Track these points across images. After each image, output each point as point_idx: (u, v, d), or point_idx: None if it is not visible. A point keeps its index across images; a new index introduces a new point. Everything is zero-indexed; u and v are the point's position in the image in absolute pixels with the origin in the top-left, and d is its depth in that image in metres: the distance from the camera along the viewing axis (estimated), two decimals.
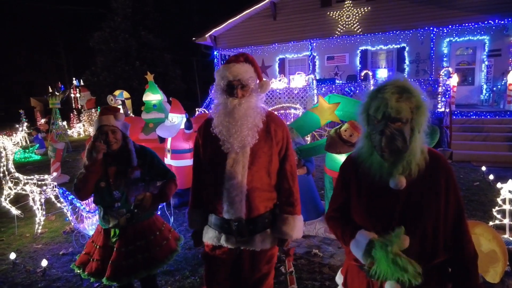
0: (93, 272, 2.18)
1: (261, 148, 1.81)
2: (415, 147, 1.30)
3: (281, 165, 1.88)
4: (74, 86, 21.35)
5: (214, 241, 1.87)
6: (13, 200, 4.89)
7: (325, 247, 3.71)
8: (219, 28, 13.22)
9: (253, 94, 1.84)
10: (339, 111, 3.56)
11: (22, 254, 3.93)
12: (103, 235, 2.26)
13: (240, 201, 1.76)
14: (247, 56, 1.88)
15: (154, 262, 2.23)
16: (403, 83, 1.31)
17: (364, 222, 1.41)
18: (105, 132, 2.15)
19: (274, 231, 1.88)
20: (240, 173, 1.76)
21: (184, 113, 5.40)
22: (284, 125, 1.92)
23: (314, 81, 11.64)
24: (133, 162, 2.19)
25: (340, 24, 11.73)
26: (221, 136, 1.80)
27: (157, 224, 2.37)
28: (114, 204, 2.20)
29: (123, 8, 22.86)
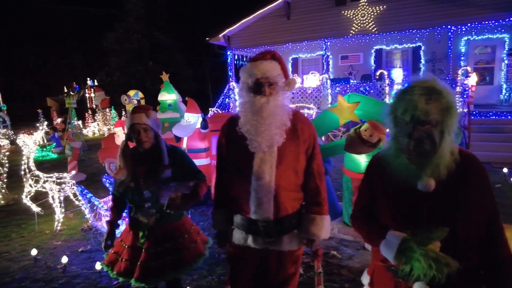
0: (122, 271, 2.17)
1: (288, 147, 1.78)
2: (444, 150, 1.26)
3: (308, 164, 1.85)
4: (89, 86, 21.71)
5: (241, 242, 1.85)
6: (33, 198, 4.99)
7: (343, 248, 3.66)
8: (233, 28, 13.23)
9: (280, 92, 1.81)
10: (358, 111, 3.50)
11: (43, 250, 4.00)
12: (132, 235, 2.25)
13: (268, 201, 1.74)
14: (274, 54, 1.85)
15: (182, 264, 2.20)
16: (432, 84, 1.26)
17: (391, 223, 1.38)
18: (137, 131, 2.13)
19: (301, 231, 1.85)
20: (268, 173, 1.73)
21: (200, 113, 5.41)
22: (310, 124, 1.89)
23: (328, 81, 11.54)
24: (164, 161, 2.16)
25: (354, 23, 11.59)
26: (249, 135, 1.76)
27: (186, 226, 2.34)
28: (144, 204, 2.18)
29: (136, 9, 23.15)
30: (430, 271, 1.18)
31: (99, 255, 3.77)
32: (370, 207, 1.49)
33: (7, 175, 6.35)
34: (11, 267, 3.66)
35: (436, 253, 1.20)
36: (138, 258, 2.15)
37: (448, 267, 1.18)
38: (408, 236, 1.27)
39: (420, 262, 1.19)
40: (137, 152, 2.20)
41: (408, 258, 1.23)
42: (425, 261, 1.18)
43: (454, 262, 1.19)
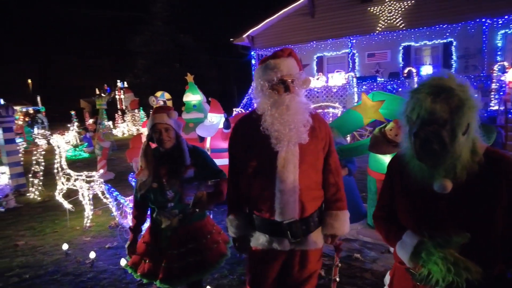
0: (145, 273, 2.18)
1: (309, 145, 1.76)
2: (458, 150, 1.19)
3: (325, 161, 1.85)
4: (119, 88, 22.51)
5: (265, 245, 1.81)
6: (65, 195, 5.23)
7: (366, 251, 3.56)
8: (257, 28, 13.26)
9: (298, 90, 1.80)
10: (383, 109, 3.39)
11: (73, 245, 4.18)
12: (155, 236, 2.25)
13: (294, 202, 1.71)
14: (291, 51, 1.83)
15: (206, 266, 2.18)
16: (441, 82, 1.20)
17: (408, 223, 1.35)
18: (159, 130, 2.13)
19: (324, 228, 1.84)
20: (292, 173, 1.71)
21: (222, 113, 5.45)
22: (325, 121, 1.90)
23: (354, 79, 11.30)
24: (186, 161, 2.16)
25: (381, 20, 11.28)
26: (276, 133, 1.71)
27: (208, 227, 2.33)
28: (167, 204, 2.18)
29: (163, 12, 23.74)
30: (448, 275, 1.13)
31: (125, 251, 3.87)
32: (390, 207, 1.47)
33: (43, 173, 6.70)
34: (44, 260, 3.86)
35: (455, 256, 1.14)
36: (161, 259, 2.17)
37: (468, 271, 1.12)
38: (425, 238, 1.22)
39: (437, 266, 1.14)
40: (159, 153, 2.22)
41: (425, 261, 1.19)
42: (443, 264, 1.14)
43: (475, 267, 1.13)
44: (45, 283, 3.35)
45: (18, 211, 5.84)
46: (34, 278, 3.48)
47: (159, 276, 2.12)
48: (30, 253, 4.08)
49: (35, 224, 5.12)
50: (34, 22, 35.03)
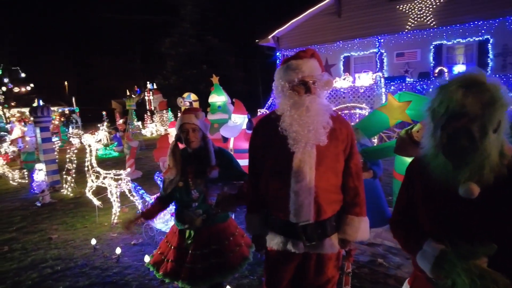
0: (168, 272, 2.21)
1: (328, 147, 1.73)
2: (488, 149, 1.11)
3: (346, 164, 1.81)
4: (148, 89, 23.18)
5: (280, 246, 1.80)
6: (96, 192, 5.45)
7: (391, 257, 3.45)
8: (282, 28, 13.24)
9: (319, 91, 1.78)
10: (410, 110, 3.27)
11: (101, 241, 4.35)
12: (178, 236, 2.28)
13: (308, 203, 1.69)
14: (314, 52, 1.82)
15: (228, 268, 2.19)
16: (474, 76, 1.14)
17: (430, 230, 1.28)
18: (186, 130, 2.20)
19: (340, 232, 1.80)
20: (308, 174, 1.69)
21: (246, 114, 5.48)
22: (347, 123, 1.86)
23: (382, 79, 11.01)
24: (212, 162, 2.19)
25: (411, 18, 10.92)
26: (295, 134, 1.70)
27: (231, 229, 2.34)
28: (192, 203, 2.22)
29: (191, 14, 24.21)
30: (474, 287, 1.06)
31: (149, 248, 4.00)
32: (408, 212, 1.40)
33: (76, 171, 7.02)
34: (75, 253, 4.04)
35: (481, 268, 1.07)
36: (184, 260, 2.19)
37: (495, 285, 1.04)
38: (447, 248, 1.15)
39: (461, 278, 1.07)
40: (187, 153, 2.27)
41: (448, 272, 1.12)
42: (466, 276, 1.07)
43: (503, 279, 1.05)
44: (75, 276, 3.51)
45: (53, 206, 6.15)
46: (65, 270, 3.65)
47: (181, 276, 2.13)
48: (62, 246, 4.29)
49: (67, 219, 5.37)
50: (71, 27, 36.92)
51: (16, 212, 5.96)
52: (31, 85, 26.30)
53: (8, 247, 4.41)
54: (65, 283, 3.38)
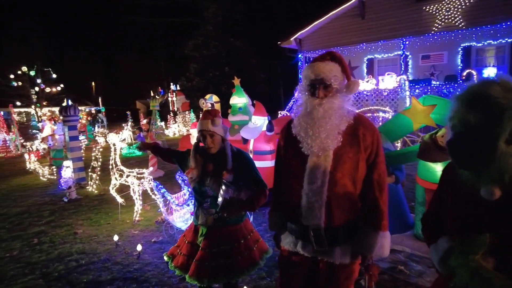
0: (179, 265, 2.30)
1: (346, 153, 1.69)
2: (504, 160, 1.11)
3: (368, 173, 1.73)
4: (172, 91, 23.65)
5: (291, 246, 1.82)
6: (119, 190, 5.62)
7: (412, 264, 3.36)
8: (304, 30, 13.18)
9: (338, 95, 1.73)
10: (435, 114, 3.18)
11: (123, 237, 4.48)
12: (193, 232, 2.36)
13: (319, 208, 1.67)
14: (334, 55, 1.79)
15: (234, 270, 2.21)
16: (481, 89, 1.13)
17: (453, 229, 1.31)
18: (204, 136, 2.27)
19: (354, 244, 1.73)
20: (320, 178, 1.67)
21: (266, 116, 5.49)
22: (374, 130, 1.75)
23: (406, 82, 10.74)
24: (228, 165, 2.23)
25: (438, 19, 10.58)
26: (300, 137, 1.75)
27: (244, 232, 2.34)
28: (206, 200, 2.29)
29: (214, 16, 24.49)
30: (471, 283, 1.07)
31: (169, 247, 4.06)
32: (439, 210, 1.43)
33: (101, 168, 7.27)
34: (98, 248, 4.19)
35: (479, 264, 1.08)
36: (194, 255, 2.26)
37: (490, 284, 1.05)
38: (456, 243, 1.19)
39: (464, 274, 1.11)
40: (207, 152, 2.34)
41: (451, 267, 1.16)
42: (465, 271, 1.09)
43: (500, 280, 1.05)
44: (98, 270, 3.63)
45: (78, 202, 6.39)
46: (89, 264, 3.78)
47: (189, 271, 2.20)
48: (87, 241, 4.45)
49: (92, 215, 5.57)
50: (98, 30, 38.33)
51: (45, 207, 6.23)
52: (61, 86, 27.43)
53: (37, 240, 4.62)
54: (89, 276, 3.50)
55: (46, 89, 26.85)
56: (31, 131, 17.11)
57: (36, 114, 25.28)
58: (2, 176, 9.75)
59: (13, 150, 14.61)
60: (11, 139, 14.87)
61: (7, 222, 5.50)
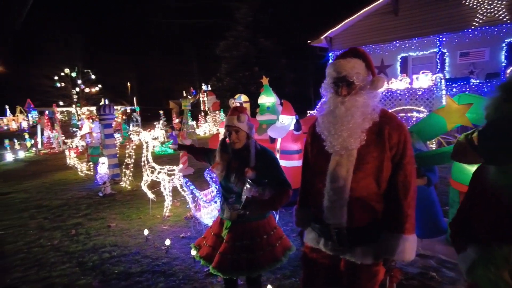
0: (204, 256, 2.39)
1: (370, 152, 1.64)
2: None
3: (393, 173, 1.66)
4: (203, 91, 24.13)
5: (313, 243, 1.83)
6: (150, 186, 5.82)
7: (445, 271, 3.21)
8: (335, 29, 12.95)
9: (362, 92, 1.69)
10: (471, 114, 3.02)
11: (153, 232, 4.64)
12: (219, 225, 2.44)
13: (341, 207, 1.65)
14: (357, 51, 1.76)
15: (255, 265, 2.23)
16: None
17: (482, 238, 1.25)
18: (229, 132, 2.32)
19: (377, 246, 1.68)
20: (343, 178, 1.65)
21: (294, 115, 5.46)
22: (402, 128, 1.68)
23: (442, 81, 10.25)
24: (251, 163, 2.25)
25: (479, 14, 10.00)
26: (323, 136, 1.74)
27: (267, 228, 2.35)
28: (231, 195, 2.35)
29: (245, 17, 24.65)
30: None
31: None
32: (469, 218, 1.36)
33: (134, 165, 7.55)
34: (129, 242, 4.37)
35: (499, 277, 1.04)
36: (219, 247, 2.33)
37: None
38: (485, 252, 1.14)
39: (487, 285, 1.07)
40: (233, 148, 2.40)
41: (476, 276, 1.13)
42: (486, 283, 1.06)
43: None
44: (128, 262, 3.79)
45: (113, 197, 6.69)
46: (120, 256, 3.96)
47: (213, 263, 2.28)
48: (119, 234, 4.66)
49: (124, 209, 5.81)
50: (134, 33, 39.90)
51: (82, 200, 6.59)
52: (99, 86, 28.81)
53: (75, 231, 4.90)
54: (120, 268, 3.66)
55: (86, 89, 28.32)
56: (72, 129, 18.13)
57: (76, 113, 26.73)
58: (46, 170, 10.43)
59: (55, 146, 15.56)
60: (54, 136, 15.84)
61: (50, 213, 5.88)
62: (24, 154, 14.47)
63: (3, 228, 5.26)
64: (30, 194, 7.49)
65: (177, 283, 3.27)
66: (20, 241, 4.66)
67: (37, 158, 13.59)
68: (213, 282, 3.23)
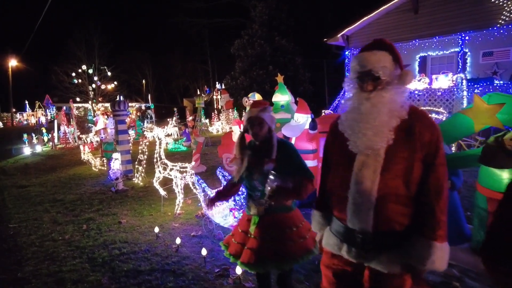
0: (233, 253, 2.37)
1: (400, 152, 1.52)
2: None
3: (424, 175, 1.53)
4: (217, 89, 24.16)
5: (334, 249, 1.70)
6: (162, 183, 5.78)
7: (468, 281, 3.02)
8: (352, 27, 12.70)
9: (388, 87, 1.57)
10: (502, 114, 2.82)
11: (164, 229, 4.58)
12: (246, 221, 2.40)
13: (367, 210, 1.53)
14: (383, 42, 1.63)
15: (287, 257, 2.19)
16: None
17: None
18: (252, 124, 2.26)
19: (405, 254, 1.54)
20: (369, 179, 1.52)
21: (309, 114, 5.32)
22: (434, 126, 1.56)
23: (464, 81, 9.89)
24: (272, 155, 2.21)
25: (505, 11, 9.59)
26: (347, 134, 1.62)
27: (295, 220, 2.33)
28: (255, 192, 2.31)
29: (261, 15, 24.52)
30: None
31: (207, 241, 4.09)
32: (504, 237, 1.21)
33: (147, 162, 7.56)
34: (140, 239, 4.32)
35: None
36: (246, 243, 2.30)
37: None
38: None
39: None
40: (253, 144, 2.36)
41: None
42: None
43: None
44: (138, 259, 3.73)
45: (125, 193, 6.69)
46: (130, 253, 3.91)
47: (241, 258, 2.26)
48: (130, 231, 4.62)
49: (136, 206, 5.79)
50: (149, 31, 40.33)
51: (95, 196, 6.61)
52: (115, 83, 29.21)
53: (86, 226, 4.89)
54: (129, 265, 3.61)
55: (102, 86, 28.76)
56: (87, 125, 18.42)
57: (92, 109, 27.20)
58: (62, 165, 10.57)
59: (71, 142, 15.82)
60: (70, 131, 16.11)
61: (63, 208, 5.91)
62: (41, 149, 14.76)
63: (19, 221, 5.30)
64: (46, 188, 7.57)
65: (186, 284, 3.18)
66: (33, 235, 4.67)
67: (53, 153, 13.83)
68: (223, 284, 3.14)
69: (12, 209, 6.02)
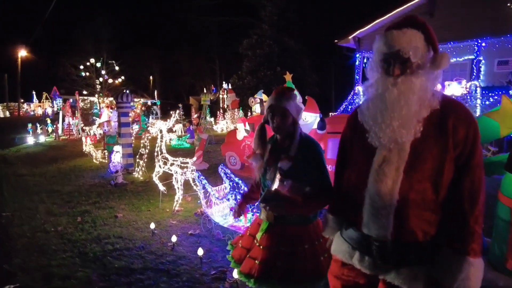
0: (236, 257, 2.06)
1: (429, 148, 1.29)
2: None
3: (457, 178, 1.30)
4: (223, 88, 24.04)
5: (345, 256, 1.48)
6: (163, 178, 5.58)
7: None
8: (365, 29, 12.47)
9: (420, 72, 1.33)
10: None
11: (161, 226, 4.38)
12: (257, 225, 2.08)
13: (386, 215, 1.30)
14: (415, 19, 1.39)
15: (294, 277, 1.80)
16: None
17: None
18: (274, 113, 1.87)
19: (431, 268, 1.31)
20: (391, 178, 1.29)
21: (318, 113, 5.11)
22: (471, 120, 1.31)
23: (478, 89, 9.60)
24: (291, 152, 1.84)
25: None
26: (367, 125, 1.39)
27: (312, 236, 1.90)
28: None
29: (270, 16, 24.36)
30: None
31: (205, 241, 3.88)
32: None
33: (148, 156, 7.37)
34: (135, 235, 4.12)
35: None
36: (251, 249, 1.99)
37: None
38: None
39: None
40: (273, 138, 2.02)
41: None
42: None
43: None
44: (131, 257, 3.52)
45: (124, 187, 6.50)
46: (123, 249, 3.71)
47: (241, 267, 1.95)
48: (125, 226, 4.42)
49: (135, 200, 5.59)
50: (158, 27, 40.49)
51: (94, 188, 6.44)
52: (122, 78, 29.22)
53: (81, 219, 4.71)
54: (121, 262, 3.41)
55: (109, 80, 28.77)
56: (92, 118, 18.37)
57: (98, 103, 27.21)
58: (63, 156, 10.45)
59: (75, 133, 15.74)
60: (74, 123, 16.04)
61: (59, 199, 5.74)
62: (44, 139, 14.69)
63: (13, 210, 5.14)
64: (45, 178, 7.43)
65: (180, 285, 2.97)
66: (26, 225, 4.50)
67: (56, 144, 13.74)
68: (219, 287, 2.92)
69: (7, 197, 5.87)
